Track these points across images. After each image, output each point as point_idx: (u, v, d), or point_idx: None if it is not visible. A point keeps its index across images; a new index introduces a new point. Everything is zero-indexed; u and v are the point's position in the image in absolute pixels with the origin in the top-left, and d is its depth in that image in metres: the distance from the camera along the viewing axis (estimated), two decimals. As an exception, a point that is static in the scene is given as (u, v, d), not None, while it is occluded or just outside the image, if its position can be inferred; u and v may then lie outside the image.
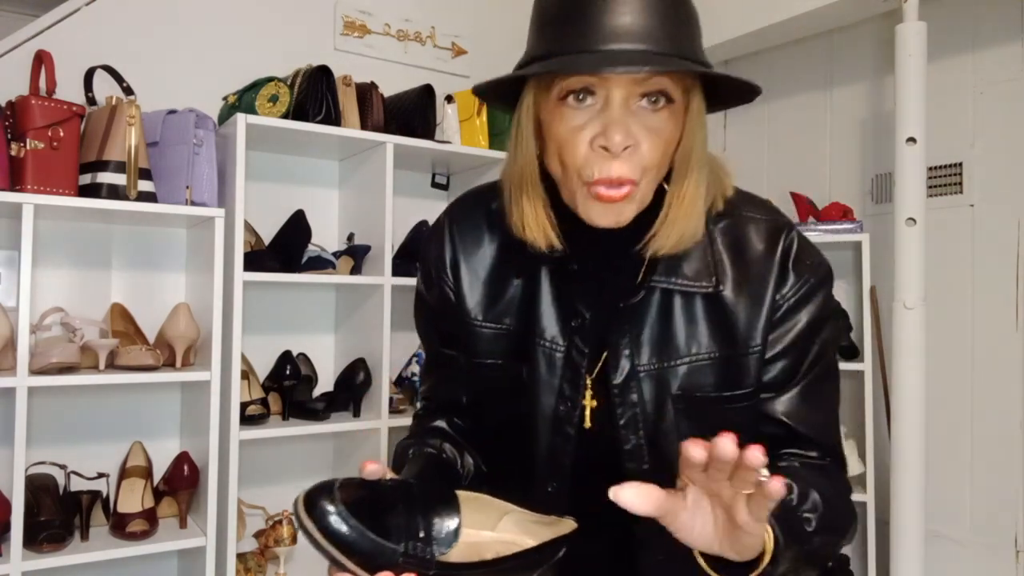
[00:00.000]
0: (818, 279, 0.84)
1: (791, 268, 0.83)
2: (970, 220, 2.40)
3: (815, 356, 0.84)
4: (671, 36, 0.77)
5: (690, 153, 0.81)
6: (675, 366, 0.82)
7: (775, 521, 0.68)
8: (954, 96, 2.44)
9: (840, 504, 0.82)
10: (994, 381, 2.32)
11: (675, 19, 0.78)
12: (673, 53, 0.76)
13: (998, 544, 2.29)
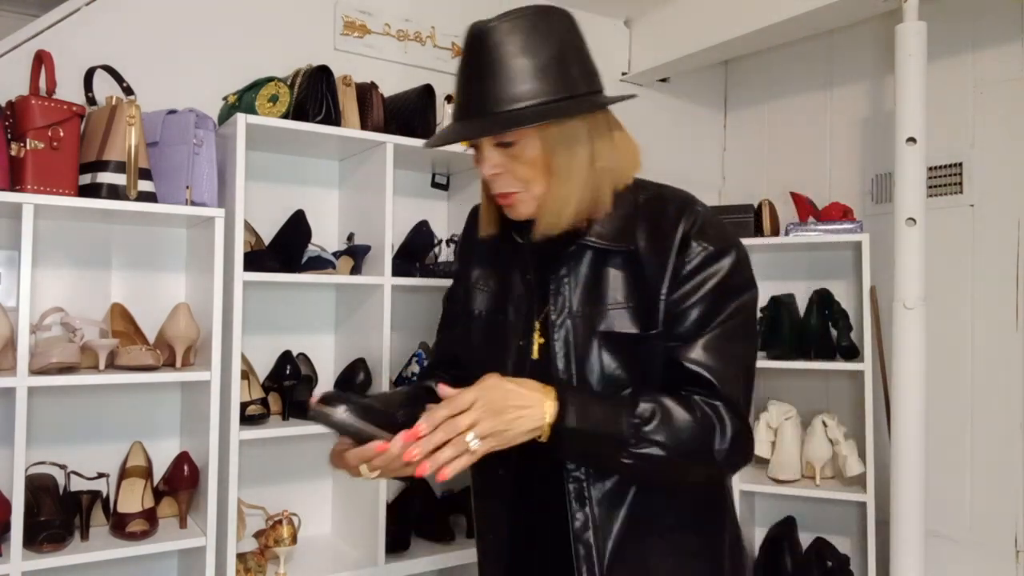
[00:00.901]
0: (717, 249, 1.06)
1: (692, 238, 1.05)
2: (970, 220, 2.40)
3: (726, 316, 1.05)
4: (496, 99, 1.02)
5: (552, 166, 1.04)
6: (600, 310, 1.07)
7: (573, 410, 0.97)
8: (954, 96, 2.44)
9: (698, 429, 1.00)
10: (994, 381, 2.32)
11: (499, 82, 1.02)
12: (501, 112, 1.01)
13: (998, 544, 2.29)
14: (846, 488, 2.39)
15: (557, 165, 1.04)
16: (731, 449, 1.02)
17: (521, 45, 1.02)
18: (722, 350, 1.03)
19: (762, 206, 2.54)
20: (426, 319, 2.45)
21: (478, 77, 1.04)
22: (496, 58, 1.03)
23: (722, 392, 1.02)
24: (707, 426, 1.01)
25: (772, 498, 2.67)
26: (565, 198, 1.05)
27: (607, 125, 1.08)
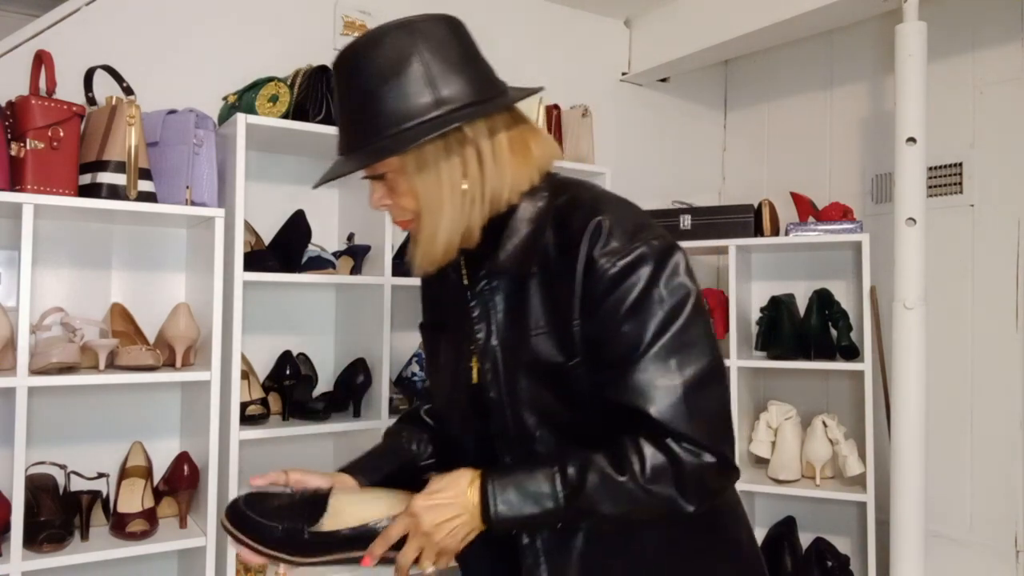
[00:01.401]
0: (628, 262, 0.93)
1: (597, 256, 0.94)
2: (970, 220, 2.40)
3: (654, 334, 0.92)
4: (361, 134, 0.97)
5: (421, 199, 0.98)
6: (523, 337, 0.99)
7: (496, 499, 0.92)
8: (954, 96, 2.44)
9: (634, 483, 0.91)
10: (994, 381, 2.32)
11: (359, 123, 0.97)
12: (363, 151, 0.97)
13: (998, 544, 2.29)
14: (846, 488, 2.39)
15: (421, 195, 0.97)
16: (687, 489, 0.91)
17: (374, 72, 0.95)
18: (659, 376, 0.91)
19: (762, 206, 2.54)
20: (426, 319, 2.45)
21: (340, 110, 0.99)
22: (352, 88, 0.97)
23: (669, 426, 0.91)
24: (649, 475, 0.90)
25: (772, 498, 2.67)
26: (432, 229, 0.98)
27: (488, 134, 0.98)
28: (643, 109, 3.05)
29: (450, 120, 0.93)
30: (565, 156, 2.46)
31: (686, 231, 2.59)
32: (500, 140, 0.99)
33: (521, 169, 1.01)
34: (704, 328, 0.95)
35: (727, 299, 2.56)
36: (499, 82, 1.03)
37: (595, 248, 0.94)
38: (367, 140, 0.96)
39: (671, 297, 0.93)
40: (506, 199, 1.00)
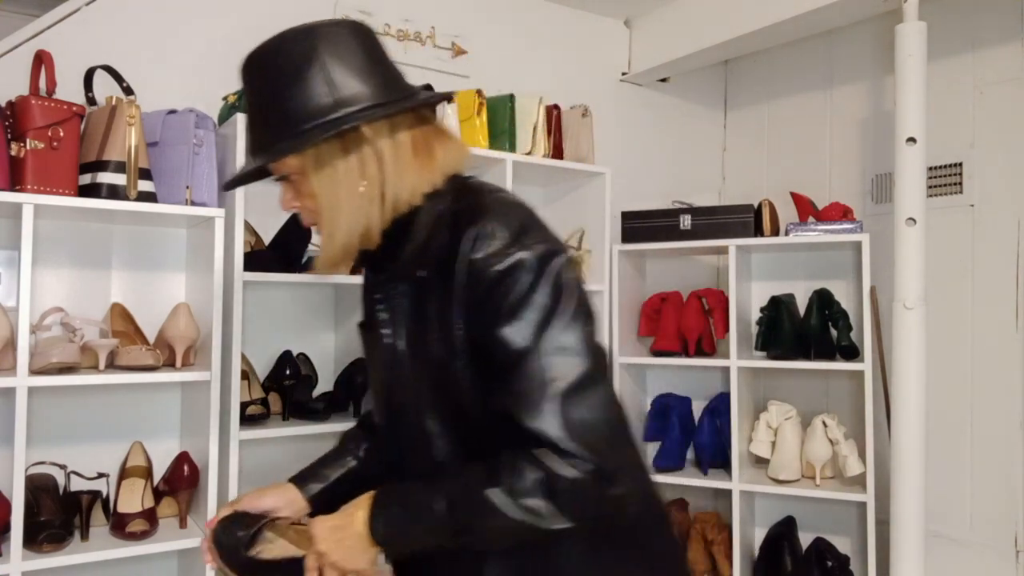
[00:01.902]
0: (507, 266, 0.93)
1: (476, 262, 0.94)
2: (970, 220, 2.40)
3: (530, 342, 0.91)
4: (264, 135, 0.99)
5: (319, 199, 0.99)
6: (424, 341, 1.00)
7: (381, 522, 0.95)
8: (954, 96, 2.44)
9: (513, 502, 0.90)
10: (994, 381, 2.32)
11: (262, 124, 1.00)
12: (265, 151, 0.99)
13: (998, 544, 2.29)
14: (846, 488, 2.39)
15: (319, 195, 0.98)
16: (562, 503, 0.89)
17: (275, 75, 0.99)
18: (535, 384, 0.90)
19: (762, 206, 2.54)
20: (426, 319, 2.45)
21: (247, 112, 1.02)
22: (255, 90, 1.01)
23: (542, 437, 0.89)
24: (522, 489, 0.89)
25: (772, 498, 2.67)
26: (330, 229, 0.99)
27: (389, 135, 0.98)
28: (643, 109, 3.05)
29: (346, 120, 0.94)
30: (565, 156, 2.46)
31: (686, 231, 2.59)
32: (401, 142, 0.99)
33: (422, 172, 1.00)
34: (582, 333, 0.94)
35: (727, 299, 2.56)
36: (406, 86, 1.04)
37: (476, 252, 0.94)
38: (268, 141, 0.98)
39: (549, 302, 0.92)
40: (406, 201, 1.00)
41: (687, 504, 2.79)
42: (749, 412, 2.62)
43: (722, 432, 2.59)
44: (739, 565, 2.48)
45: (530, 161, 2.32)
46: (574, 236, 2.55)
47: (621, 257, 2.67)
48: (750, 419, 2.61)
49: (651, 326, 2.73)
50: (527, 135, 2.34)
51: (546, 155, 2.38)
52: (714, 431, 2.60)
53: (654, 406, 2.76)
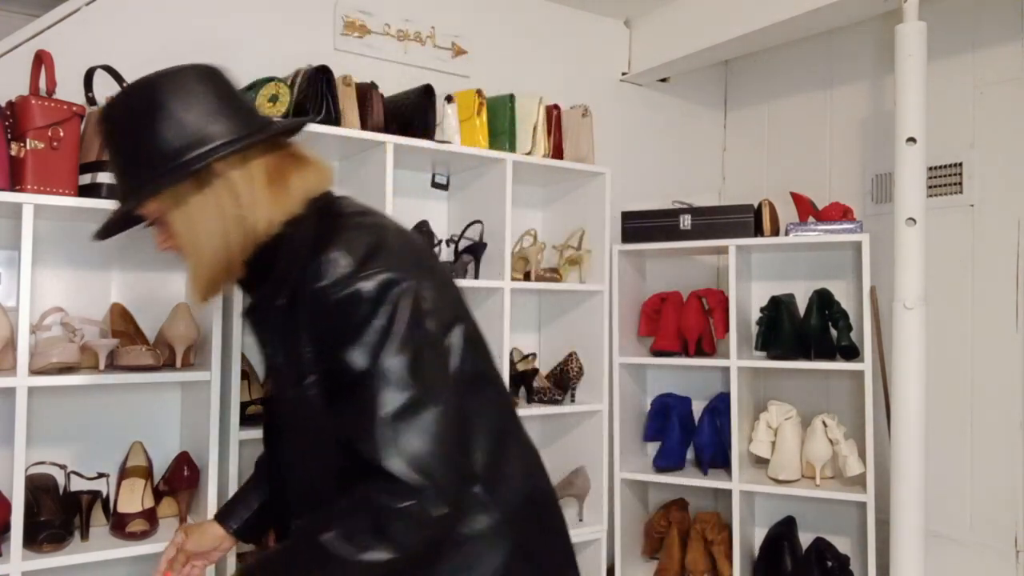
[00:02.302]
0: (344, 295, 0.96)
1: (316, 290, 0.97)
2: (970, 220, 2.40)
3: (367, 369, 0.94)
4: (123, 184, 1.05)
5: (180, 237, 1.04)
6: (285, 371, 1.04)
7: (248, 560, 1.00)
8: (954, 96, 2.44)
9: (345, 543, 0.92)
10: (994, 381, 2.32)
11: (120, 174, 1.05)
12: (125, 200, 1.04)
13: (998, 544, 2.29)
14: (846, 488, 2.39)
15: (179, 233, 1.04)
16: (389, 531, 0.92)
17: (124, 127, 1.03)
18: (366, 410, 0.93)
19: (762, 206, 2.54)
20: (426, 319, 2.44)
21: (109, 164, 1.08)
22: (109, 143, 1.06)
23: (372, 463, 0.92)
24: (351, 522, 0.93)
25: (772, 498, 2.67)
26: (192, 264, 1.05)
27: (242, 169, 1.03)
28: (643, 109, 3.05)
29: (196, 161, 0.99)
30: (565, 156, 2.46)
31: (686, 231, 2.59)
32: (255, 174, 1.03)
33: (277, 200, 1.04)
34: (415, 358, 0.96)
35: (727, 299, 2.56)
36: (260, 118, 1.09)
37: (320, 281, 0.97)
38: (127, 190, 1.04)
39: (384, 328, 0.95)
40: (264, 231, 1.03)
41: (687, 504, 2.79)
42: (749, 412, 2.62)
43: (722, 432, 2.59)
44: (739, 565, 2.48)
45: (530, 161, 2.32)
46: (574, 236, 2.55)
47: (621, 257, 2.67)
48: (750, 419, 2.61)
49: (651, 326, 2.73)
50: (527, 135, 2.34)
51: (546, 155, 2.38)
52: (714, 431, 2.60)
53: (654, 406, 2.76)
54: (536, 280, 2.39)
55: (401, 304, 0.96)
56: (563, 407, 2.41)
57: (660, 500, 2.86)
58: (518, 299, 2.56)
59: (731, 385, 2.49)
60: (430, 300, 1.00)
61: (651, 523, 2.73)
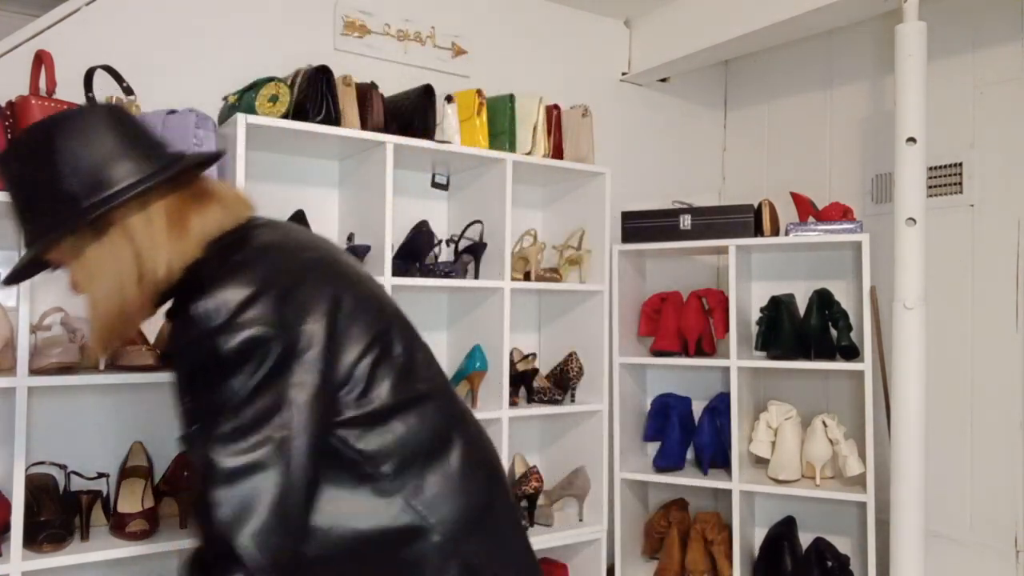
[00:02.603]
0: (193, 336, 0.95)
1: (192, 336, 0.96)
2: (970, 220, 2.40)
3: (216, 426, 0.93)
4: (26, 235, 1.03)
5: (80, 284, 1.04)
6: (181, 414, 1.02)
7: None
8: (954, 96, 2.44)
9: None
10: (994, 381, 2.32)
11: (21, 221, 1.03)
12: (27, 247, 1.02)
13: (998, 544, 2.29)
14: (846, 488, 2.39)
15: (79, 281, 1.03)
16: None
17: (22, 175, 1.01)
18: (207, 464, 0.92)
19: (762, 206, 2.54)
20: (426, 319, 2.45)
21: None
22: (10, 192, 1.03)
23: (211, 527, 0.91)
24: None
25: (772, 498, 2.67)
26: (91, 309, 1.03)
27: (141, 213, 1.00)
28: (643, 109, 3.05)
29: (94, 208, 0.96)
30: (565, 156, 2.46)
31: (686, 231, 2.59)
32: (153, 218, 1.01)
33: (176, 245, 1.01)
34: (261, 414, 0.93)
35: (727, 299, 2.56)
36: (166, 157, 1.04)
37: (188, 333, 0.96)
38: (28, 237, 1.02)
39: (238, 388, 0.93)
40: (164, 278, 1.01)
41: (687, 504, 2.79)
42: (749, 412, 2.62)
43: (722, 432, 2.59)
44: (739, 565, 2.48)
45: (530, 161, 2.32)
46: (574, 236, 2.55)
47: (621, 257, 2.67)
48: (750, 419, 2.61)
49: (651, 326, 2.73)
50: (527, 135, 2.34)
51: (546, 155, 2.38)
52: (714, 431, 2.60)
53: (654, 406, 2.76)
54: (536, 280, 2.40)
55: (263, 362, 0.93)
56: (563, 407, 2.41)
57: (660, 500, 2.86)
58: (518, 299, 2.56)
59: (731, 385, 2.49)
60: (318, 342, 0.97)
61: (651, 523, 2.73)
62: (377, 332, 1.04)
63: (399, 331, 1.09)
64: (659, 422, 2.73)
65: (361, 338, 1.02)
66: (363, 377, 1.01)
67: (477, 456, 1.10)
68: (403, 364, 1.06)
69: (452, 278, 2.21)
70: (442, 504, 1.02)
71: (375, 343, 1.03)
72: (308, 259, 1.05)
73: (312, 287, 1.00)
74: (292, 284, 0.99)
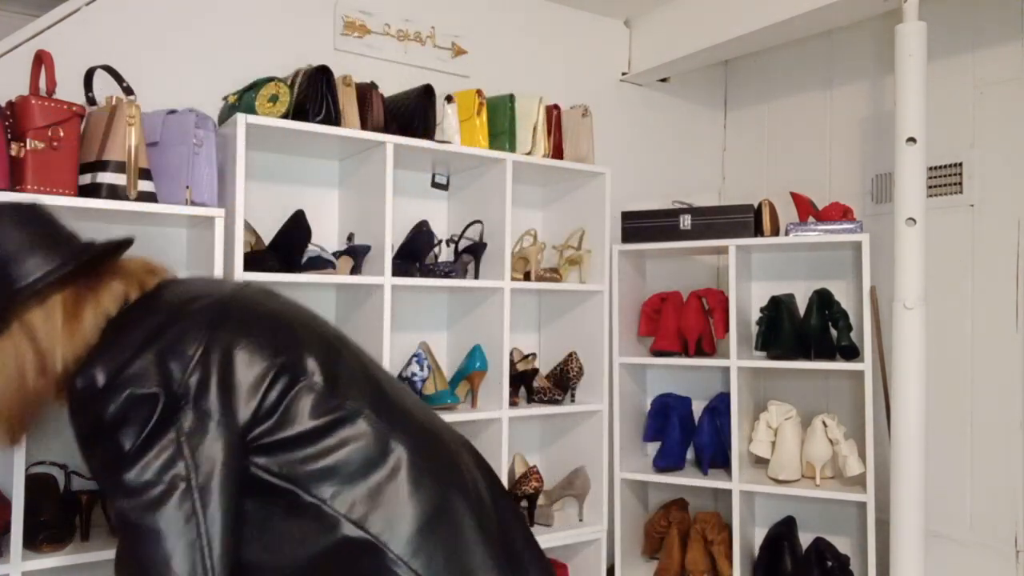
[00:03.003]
0: (73, 418, 0.98)
1: (73, 412, 0.99)
2: (970, 220, 2.40)
3: (118, 513, 0.95)
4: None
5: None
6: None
7: None
8: (954, 96, 2.44)
9: None
10: (994, 381, 2.32)
11: None
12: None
13: (998, 544, 2.29)
14: (846, 488, 2.39)
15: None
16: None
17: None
18: (121, 526, 0.95)
19: (762, 206, 2.54)
20: (426, 319, 2.45)
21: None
22: None
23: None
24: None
25: (772, 498, 2.67)
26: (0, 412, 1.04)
27: (40, 305, 1.02)
28: (643, 109, 3.05)
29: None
30: (565, 156, 2.46)
31: (686, 231, 2.59)
32: (52, 313, 1.02)
33: (74, 338, 1.02)
34: (158, 468, 0.93)
35: (727, 299, 2.56)
36: (67, 252, 1.05)
37: (77, 400, 0.98)
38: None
39: (124, 441, 0.93)
40: (64, 369, 1.02)
41: (687, 504, 2.79)
42: (749, 412, 2.62)
43: (722, 432, 2.59)
44: (739, 565, 2.48)
45: (530, 161, 2.32)
46: (574, 236, 2.55)
47: (621, 257, 2.67)
48: (750, 419, 2.61)
49: (651, 326, 2.73)
50: (527, 135, 2.34)
51: (546, 155, 2.38)
52: (714, 431, 2.60)
53: (654, 406, 2.76)
54: (536, 280, 2.40)
55: (150, 417, 0.94)
56: (563, 407, 2.41)
57: (660, 500, 2.86)
58: (518, 299, 2.56)
59: (731, 385, 2.49)
60: (208, 388, 0.97)
61: (651, 523, 2.73)
62: (283, 361, 1.03)
63: (314, 351, 1.07)
64: (659, 422, 2.73)
65: (261, 371, 1.01)
66: (272, 408, 1.00)
67: (425, 460, 1.07)
68: (323, 385, 1.04)
69: (452, 278, 2.21)
70: (388, 518, 1.01)
71: (281, 372, 1.02)
72: (194, 309, 1.05)
73: (195, 335, 1.00)
74: (174, 337, 0.99)
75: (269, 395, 1.00)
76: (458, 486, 1.09)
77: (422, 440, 1.09)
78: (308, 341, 1.09)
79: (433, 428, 1.14)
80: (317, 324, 1.15)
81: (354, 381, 1.08)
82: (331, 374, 1.06)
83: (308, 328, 1.12)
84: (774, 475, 2.47)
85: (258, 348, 1.02)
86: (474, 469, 1.14)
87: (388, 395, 1.11)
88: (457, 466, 1.12)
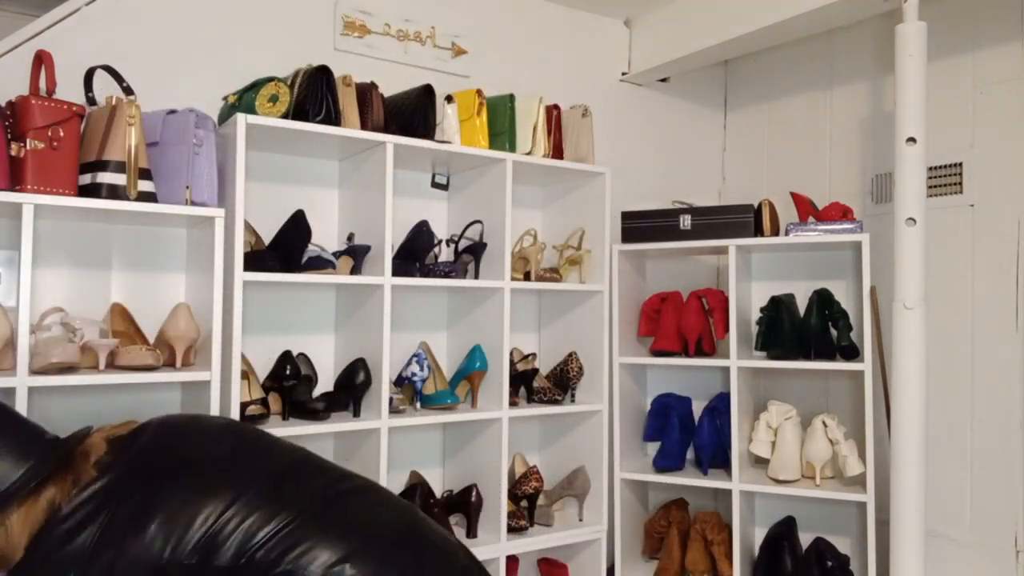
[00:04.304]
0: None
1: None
2: (970, 220, 2.40)
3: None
4: None
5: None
6: None
7: None
8: (954, 96, 2.44)
9: None
10: (994, 381, 2.32)
11: None
12: None
13: (998, 544, 2.29)
14: (846, 488, 2.39)
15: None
16: None
17: None
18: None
19: (762, 206, 2.54)
20: (426, 319, 2.45)
21: None
22: None
23: None
24: None
25: (772, 498, 2.67)
26: None
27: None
28: (643, 109, 3.05)
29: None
30: (565, 156, 2.47)
31: (686, 231, 2.59)
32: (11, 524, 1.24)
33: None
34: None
35: (727, 299, 2.57)
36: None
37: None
38: None
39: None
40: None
41: (687, 504, 2.79)
42: (749, 412, 2.62)
43: (722, 432, 2.59)
44: (739, 565, 2.48)
45: (530, 161, 2.32)
46: (574, 236, 2.55)
47: (621, 257, 2.68)
48: (750, 419, 2.61)
49: (651, 326, 2.73)
50: (527, 135, 2.34)
51: (546, 155, 2.38)
52: (714, 431, 2.60)
53: (654, 406, 2.76)
54: (536, 280, 2.40)
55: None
56: (563, 407, 2.41)
57: (660, 500, 2.86)
58: (518, 299, 2.56)
59: (731, 385, 2.50)
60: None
61: (651, 523, 2.73)
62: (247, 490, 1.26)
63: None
64: (659, 422, 2.73)
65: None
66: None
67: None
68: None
69: (452, 278, 2.21)
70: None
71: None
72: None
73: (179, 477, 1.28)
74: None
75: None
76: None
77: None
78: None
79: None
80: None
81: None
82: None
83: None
84: (774, 475, 2.47)
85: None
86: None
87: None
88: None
